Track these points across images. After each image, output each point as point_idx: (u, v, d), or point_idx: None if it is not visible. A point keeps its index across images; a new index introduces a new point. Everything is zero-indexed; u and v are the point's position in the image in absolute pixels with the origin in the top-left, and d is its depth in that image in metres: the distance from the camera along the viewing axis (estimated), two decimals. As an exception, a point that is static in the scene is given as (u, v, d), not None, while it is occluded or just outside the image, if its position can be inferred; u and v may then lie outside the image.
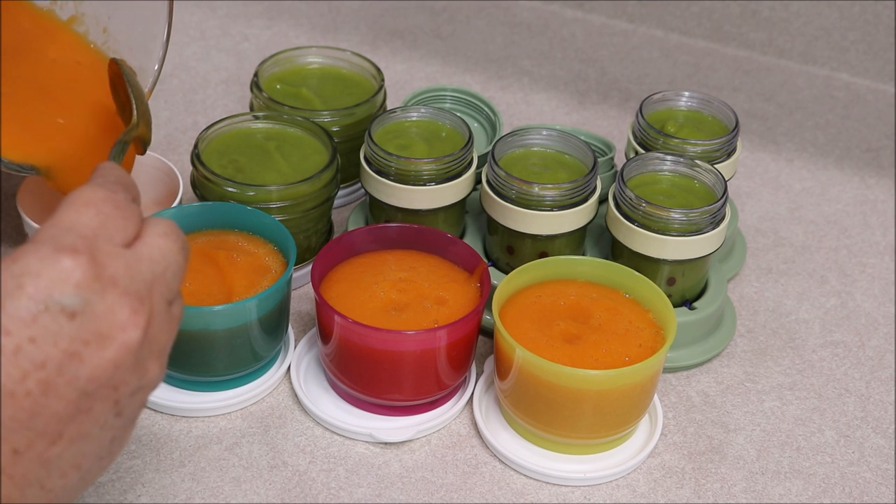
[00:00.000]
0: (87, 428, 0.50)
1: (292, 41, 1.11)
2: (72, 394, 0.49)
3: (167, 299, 0.53)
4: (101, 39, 0.77)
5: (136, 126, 0.69)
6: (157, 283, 0.52)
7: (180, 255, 0.54)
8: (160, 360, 0.53)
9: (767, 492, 0.71)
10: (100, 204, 0.52)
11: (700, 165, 0.78)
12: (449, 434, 0.74)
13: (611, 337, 0.71)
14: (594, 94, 1.08)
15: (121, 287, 0.50)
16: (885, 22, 1.07)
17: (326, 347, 0.73)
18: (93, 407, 0.50)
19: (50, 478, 0.50)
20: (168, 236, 0.54)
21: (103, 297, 0.49)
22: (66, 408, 0.49)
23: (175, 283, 0.54)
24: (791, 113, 1.07)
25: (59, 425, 0.49)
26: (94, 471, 0.52)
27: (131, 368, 0.50)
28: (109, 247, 0.51)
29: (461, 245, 0.76)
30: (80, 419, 0.49)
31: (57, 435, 0.49)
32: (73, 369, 0.48)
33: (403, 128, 0.82)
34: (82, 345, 0.49)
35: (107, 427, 0.51)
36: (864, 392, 0.79)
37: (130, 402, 0.52)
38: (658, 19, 1.16)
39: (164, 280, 0.53)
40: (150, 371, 0.52)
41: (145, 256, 0.52)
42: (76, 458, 0.50)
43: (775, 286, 0.87)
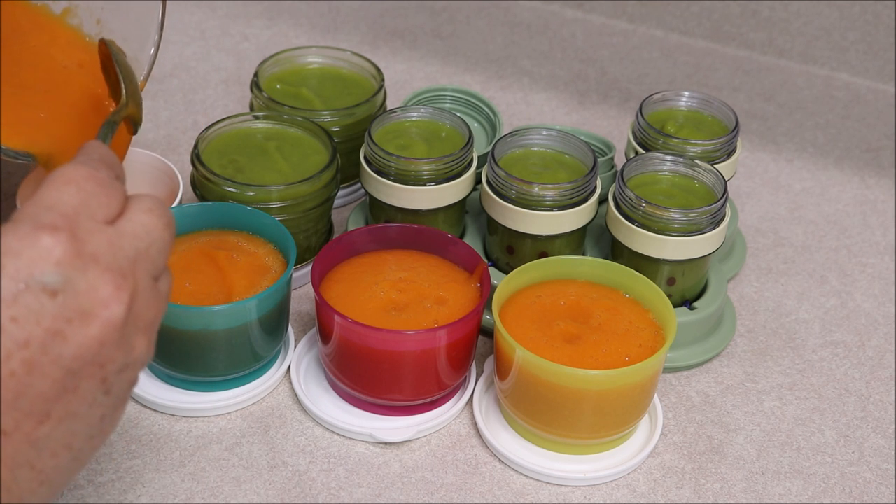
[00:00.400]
0: (75, 407, 0.50)
1: (292, 41, 1.11)
2: (57, 372, 0.48)
3: (152, 275, 0.53)
4: (96, 31, 0.77)
5: (125, 105, 0.68)
6: (141, 259, 0.52)
7: (165, 231, 0.53)
8: (147, 337, 0.52)
9: (767, 492, 0.71)
10: (81, 181, 0.51)
11: (700, 165, 0.78)
12: (449, 434, 0.74)
13: (611, 337, 0.71)
14: (594, 94, 1.08)
15: (103, 263, 0.49)
16: (885, 22, 1.07)
17: (326, 347, 0.73)
18: (79, 385, 0.49)
19: (40, 458, 0.49)
20: (152, 212, 0.53)
21: (85, 274, 0.49)
22: (51, 387, 0.48)
23: (161, 259, 0.53)
24: (791, 113, 1.07)
25: (45, 405, 0.48)
26: (85, 450, 0.51)
27: (117, 345, 0.50)
28: (91, 223, 0.50)
29: (461, 245, 0.76)
30: (67, 398, 0.49)
31: (44, 415, 0.48)
32: (57, 348, 0.48)
33: (403, 128, 0.82)
34: (65, 323, 0.48)
35: (95, 405, 0.50)
36: (864, 392, 0.79)
37: (118, 380, 0.51)
38: (658, 19, 1.16)
39: (149, 256, 0.52)
40: (137, 348, 0.51)
41: (128, 233, 0.52)
42: (66, 438, 0.50)
43: (775, 286, 0.87)
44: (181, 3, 1.15)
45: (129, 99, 0.69)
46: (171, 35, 1.11)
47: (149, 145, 0.95)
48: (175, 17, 1.13)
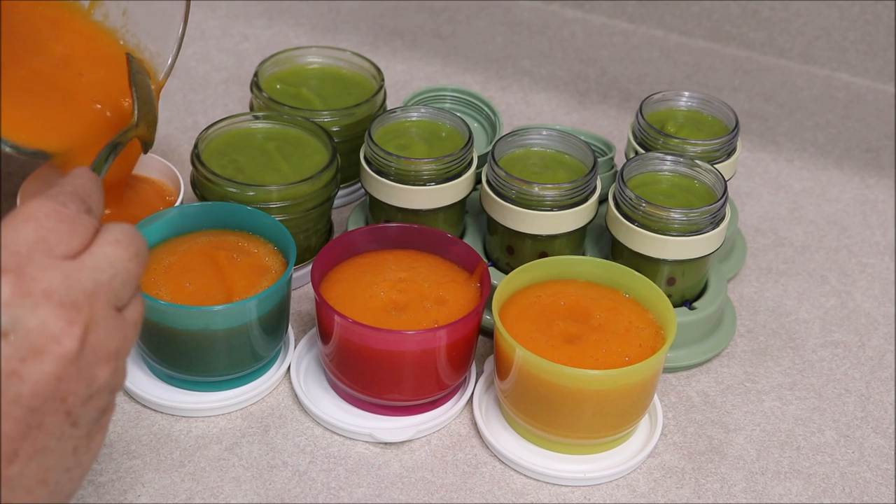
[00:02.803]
0: (43, 442, 0.50)
1: (292, 41, 1.11)
2: (18, 412, 0.48)
3: (114, 305, 0.52)
4: (121, 22, 0.77)
5: (133, 127, 0.69)
6: (101, 291, 0.51)
7: (132, 262, 0.53)
8: (111, 365, 0.52)
9: (767, 492, 0.71)
10: (42, 218, 0.51)
11: (700, 165, 0.78)
12: (449, 434, 0.74)
13: (611, 337, 0.71)
14: (594, 94, 1.08)
15: (55, 299, 0.49)
16: (885, 22, 1.07)
17: (326, 347, 0.73)
18: (43, 421, 0.49)
19: (15, 496, 0.49)
20: (119, 243, 0.53)
21: (34, 312, 0.49)
22: (15, 426, 0.48)
23: (125, 290, 0.53)
24: (791, 113, 1.07)
25: (11, 444, 0.48)
26: (63, 483, 0.51)
27: (76, 378, 0.50)
28: (46, 260, 0.50)
29: (461, 245, 0.76)
30: (32, 435, 0.49)
31: (12, 454, 0.49)
32: (14, 388, 0.48)
33: (403, 128, 0.82)
34: (18, 362, 0.48)
35: (65, 438, 0.51)
36: (864, 392, 0.79)
37: (85, 411, 0.51)
38: (658, 19, 1.16)
39: (111, 287, 0.52)
40: (100, 377, 0.51)
41: (88, 265, 0.51)
42: (40, 474, 0.50)
43: (775, 286, 0.87)
44: (181, 3, 1.15)
45: (139, 120, 0.69)
46: (171, 35, 1.11)
47: (149, 145, 0.95)
48: (175, 17, 1.13)
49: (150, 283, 0.72)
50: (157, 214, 0.75)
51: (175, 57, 0.77)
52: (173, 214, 0.76)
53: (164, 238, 0.75)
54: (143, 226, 0.74)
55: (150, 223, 0.74)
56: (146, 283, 0.72)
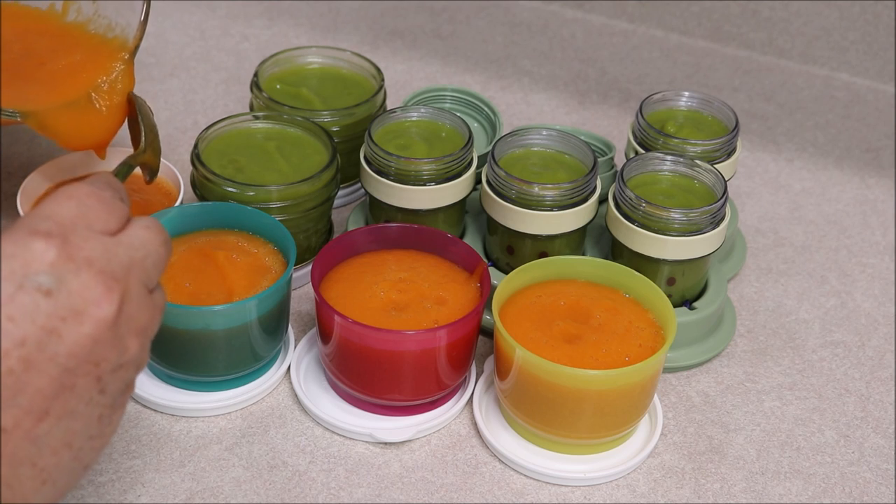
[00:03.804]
0: (73, 404, 0.51)
1: (292, 41, 1.11)
2: (54, 370, 0.50)
3: (146, 284, 0.55)
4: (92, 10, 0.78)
5: (143, 152, 0.73)
6: (135, 267, 0.54)
7: (162, 247, 0.56)
8: (140, 340, 0.54)
9: (767, 492, 0.71)
10: (82, 197, 0.54)
11: (700, 165, 0.78)
12: (449, 434, 0.74)
13: (611, 337, 0.71)
14: (594, 94, 1.08)
15: (96, 267, 0.52)
16: (885, 22, 1.07)
17: (326, 347, 0.73)
18: (76, 383, 0.51)
19: (41, 456, 0.50)
20: (150, 229, 0.56)
21: (77, 276, 0.51)
22: (49, 384, 0.50)
23: (154, 272, 0.56)
24: (791, 113, 1.07)
25: (44, 402, 0.50)
26: (86, 451, 0.53)
27: (110, 344, 0.52)
28: (87, 232, 0.53)
29: (461, 245, 0.76)
30: (64, 395, 0.51)
31: (43, 412, 0.50)
32: (52, 345, 0.50)
33: (403, 128, 0.82)
34: (59, 321, 0.50)
35: (92, 404, 0.52)
36: (864, 392, 0.79)
37: (113, 379, 0.53)
38: (658, 19, 1.16)
39: (143, 266, 0.55)
40: (131, 348, 0.53)
41: (124, 242, 0.54)
42: (66, 436, 0.51)
43: (775, 286, 0.87)
44: (181, 3, 1.15)
45: (147, 146, 0.73)
46: (171, 35, 1.11)
47: (149, 145, 0.95)
48: (175, 17, 1.13)
49: (150, 283, 0.72)
50: (157, 214, 0.75)
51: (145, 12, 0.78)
52: (173, 214, 0.76)
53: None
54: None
55: (150, 223, 0.74)
56: None
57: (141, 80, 1.04)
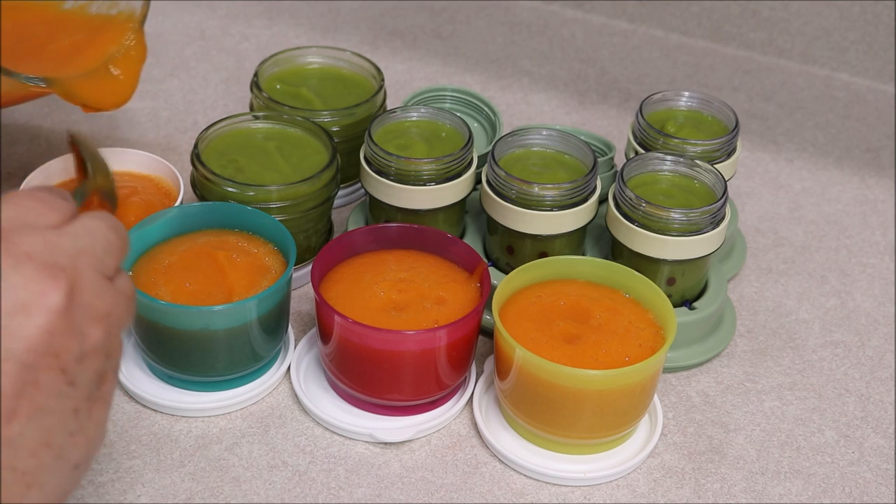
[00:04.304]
0: (42, 401, 0.50)
1: (292, 41, 1.11)
2: (12, 368, 0.49)
3: (100, 271, 0.54)
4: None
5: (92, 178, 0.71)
6: (83, 255, 0.53)
7: (111, 232, 0.55)
8: (103, 327, 0.53)
9: (767, 492, 0.71)
10: (19, 198, 0.53)
11: (700, 165, 0.78)
12: (449, 434, 0.74)
13: (611, 337, 0.71)
14: (594, 94, 1.08)
15: (37, 259, 0.51)
16: (885, 22, 1.07)
17: (326, 347, 0.73)
18: (38, 378, 0.50)
19: (19, 458, 0.49)
20: (97, 218, 0.55)
21: (19, 270, 0.50)
22: (10, 383, 0.49)
23: (108, 258, 0.55)
24: (791, 113, 1.07)
25: (9, 402, 0.49)
26: (68, 448, 0.52)
27: (66, 333, 0.51)
28: (27, 229, 0.52)
29: (461, 245, 0.76)
30: (29, 393, 0.49)
31: (10, 413, 0.49)
32: (6, 343, 0.49)
33: (403, 128, 0.82)
34: (8, 317, 0.49)
35: (63, 397, 0.51)
36: (864, 392, 0.79)
37: (81, 370, 0.52)
38: (658, 19, 1.16)
39: (93, 253, 0.54)
40: (92, 336, 0.52)
41: (68, 233, 0.53)
42: (42, 435, 0.50)
43: (775, 286, 0.87)
44: (181, 3, 1.15)
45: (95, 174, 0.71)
46: (171, 35, 1.11)
47: (149, 145, 0.95)
48: (175, 17, 1.13)
49: (150, 283, 0.72)
50: (157, 214, 0.75)
51: None
52: (173, 214, 0.76)
53: (164, 238, 0.75)
54: (143, 225, 0.74)
55: (150, 223, 0.74)
56: (146, 283, 0.72)
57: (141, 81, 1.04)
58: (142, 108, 1.00)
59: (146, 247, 0.74)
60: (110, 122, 0.98)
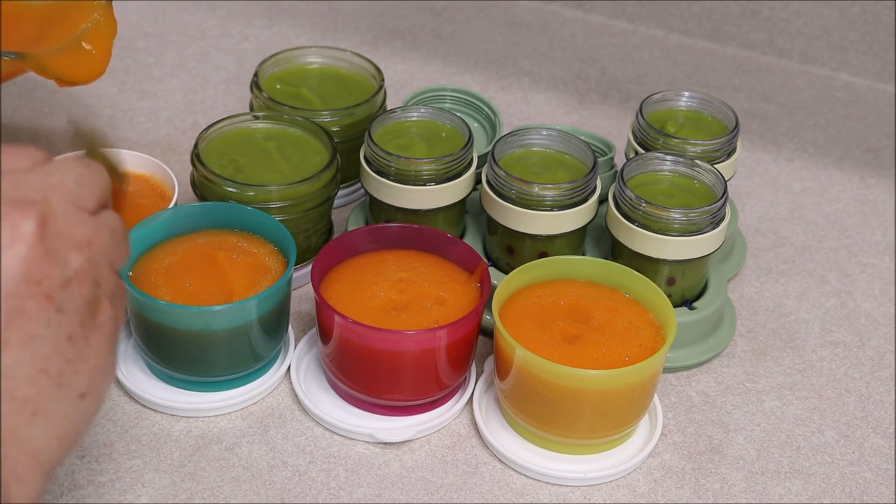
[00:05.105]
0: (32, 328, 0.50)
1: (292, 41, 1.11)
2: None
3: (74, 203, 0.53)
4: None
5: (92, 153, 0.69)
6: (53, 188, 0.53)
7: (83, 168, 0.55)
8: (83, 253, 0.53)
9: (767, 492, 0.71)
10: None
11: (700, 165, 0.78)
12: (449, 434, 0.74)
13: (611, 337, 0.71)
14: (594, 94, 1.08)
15: (7, 196, 0.51)
16: (885, 22, 1.07)
17: (326, 347, 0.73)
18: (24, 306, 0.50)
19: (17, 387, 0.50)
20: (70, 158, 0.55)
21: None
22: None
23: (83, 191, 0.54)
24: (791, 113, 1.07)
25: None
26: (68, 375, 0.52)
27: (45, 259, 0.51)
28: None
29: (461, 245, 0.76)
30: (18, 321, 0.50)
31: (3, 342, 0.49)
32: None
33: (403, 128, 0.82)
34: None
35: (53, 324, 0.51)
36: (864, 392, 0.79)
37: (68, 296, 0.51)
38: (658, 19, 1.16)
39: (64, 186, 0.53)
40: (72, 261, 0.52)
41: (37, 172, 0.53)
42: (38, 362, 0.50)
43: (775, 286, 0.87)
44: (181, 3, 1.15)
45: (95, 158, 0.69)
46: (171, 35, 1.11)
47: (149, 145, 0.95)
48: (175, 17, 1.13)
49: (150, 284, 0.72)
50: (157, 214, 0.75)
51: None
52: (173, 215, 0.76)
53: (163, 238, 0.75)
54: (143, 226, 0.74)
55: (149, 223, 0.74)
56: (146, 283, 0.72)
57: (141, 80, 1.04)
58: (142, 108, 1.00)
59: (146, 247, 0.74)
60: (110, 121, 0.98)
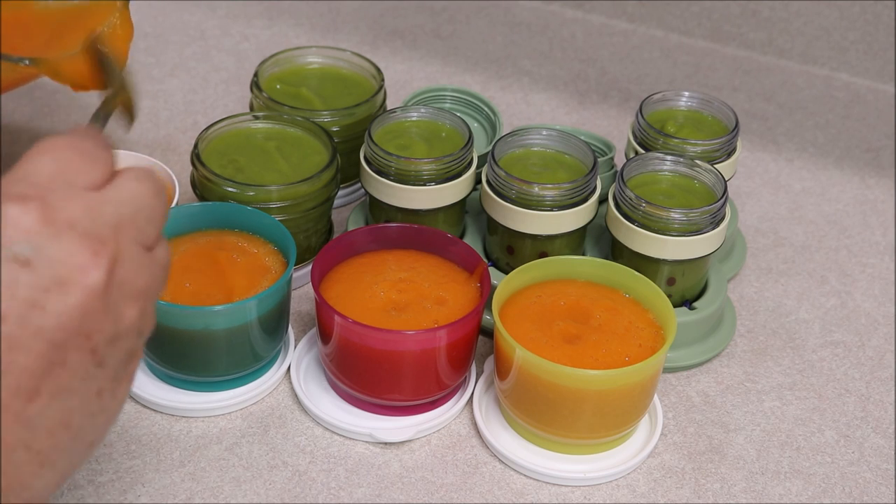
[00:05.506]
0: (66, 381, 0.47)
1: (292, 41, 1.11)
2: (39, 346, 0.46)
3: (141, 243, 0.50)
4: None
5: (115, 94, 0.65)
6: (126, 226, 0.50)
7: (155, 199, 0.51)
8: (140, 305, 0.50)
9: (767, 492, 0.71)
10: (59, 150, 0.50)
11: (700, 165, 0.78)
12: (449, 434, 0.74)
13: (611, 337, 0.71)
14: (594, 94, 1.08)
15: (79, 229, 0.48)
16: (885, 22, 1.07)
17: (326, 347, 0.73)
18: (66, 358, 0.47)
19: (35, 438, 0.47)
20: (140, 180, 0.51)
21: (58, 242, 0.47)
22: (36, 362, 0.46)
23: (150, 227, 0.51)
24: (791, 113, 1.07)
25: (32, 381, 0.46)
26: (87, 429, 0.49)
27: (102, 313, 0.48)
28: (68, 191, 0.48)
29: (461, 245, 0.76)
30: (55, 373, 0.47)
31: (33, 392, 0.46)
32: (36, 320, 0.46)
33: (403, 128, 0.82)
34: (42, 293, 0.46)
35: (89, 379, 0.48)
36: (864, 392, 0.79)
37: (111, 351, 0.49)
38: (658, 19, 1.16)
39: (135, 223, 0.50)
40: (127, 316, 0.49)
41: (111, 199, 0.49)
42: (62, 416, 0.48)
43: (775, 286, 0.87)
44: (181, 3, 1.15)
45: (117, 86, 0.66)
46: (171, 35, 1.11)
47: (149, 145, 0.95)
48: (175, 17, 1.13)
49: (150, 283, 0.72)
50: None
51: None
52: (173, 215, 0.76)
53: (164, 238, 0.75)
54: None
55: (150, 223, 0.74)
56: None
57: (141, 80, 1.04)
58: (142, 107, 1.00)
59: (146, 247, 0.74)
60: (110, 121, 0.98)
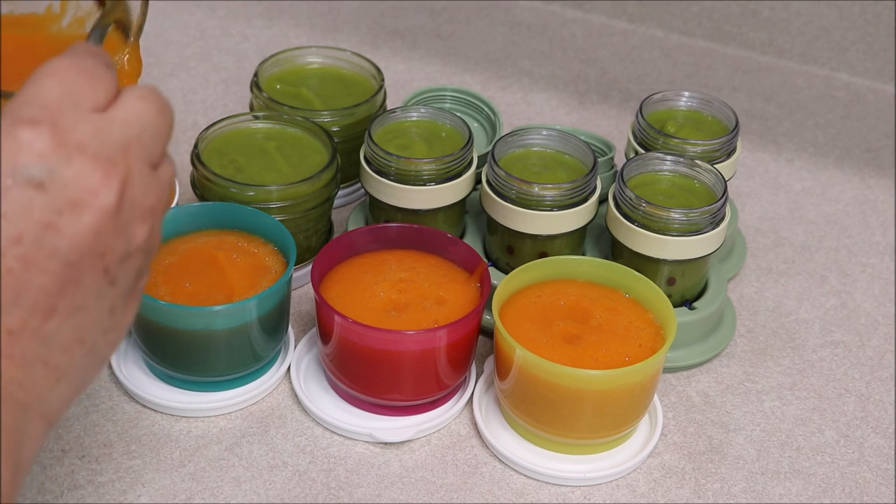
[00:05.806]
0: (81, 299, 0.49)
1: (292, 41, 1.11)
2: (55, 266, 0.48)
3: (148, 162, 0.51)
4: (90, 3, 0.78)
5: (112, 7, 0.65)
6: (133, 146, 0.50)
7: (159, 117, 0.52)
8: (147, 224, 0.51)
9: (767, 492, 0.71)
10: (64, 72, 0.50)
11: (700, 165, 0.78)
12: (449, 434, 0.74)
13: (611, 337, 0.71)
14: (594, 94, 1.08)
15: (90, 152, 0.49)
16: (885, 22, 1.07)
17: (326, 347, 0.73)
18: (81, 277, 0.48)
19: (52, 354, 0.49)
20: (145, 99, 0.52)
21: (70, 164, 0.48)
22: (52, 281, 0.48)
23: (156, 145, 0.52)
24: (791, 113, 1.07)
25: (49, 300, 0.48)
26: (100, 345, 0.51)
27: (114, 233, 0.49)
28: (76, 112, 0.49)
29: (461, 245, 0.76)
30: (70, 291, 0.48)
31: (50, 310, 0.48)
32: (51, 241, 0.47)
33: (403, 128, 0.82)
34: (56, 214, 0.47)
35: (102, 296, 0.50)
36: (864, 392, 0.79)
37: (123, 269, 0.50)
38: (658, 19, 1.16)
39: (142, 142, 0.51)
40: (138, 235, 0.51)
41: (118, 119, 0.50)
42: (77, 332, 0.49)
43: (775, 286, 0.87)
44: (181, 3, 1.15)
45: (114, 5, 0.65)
46: (171, 35, 1.11)
47: (149, 145, 0.95)
48: (175, 17, 1.13)
49: (150, 284, 0.72)
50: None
51: None
52: (173, 215, 0.76)
53: (163, 238, 0.75)
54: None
55: (150, 223, 0.74)
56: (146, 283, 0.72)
57: (141, 81, 1.03)
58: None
59: (146, 247, 0.74)
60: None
